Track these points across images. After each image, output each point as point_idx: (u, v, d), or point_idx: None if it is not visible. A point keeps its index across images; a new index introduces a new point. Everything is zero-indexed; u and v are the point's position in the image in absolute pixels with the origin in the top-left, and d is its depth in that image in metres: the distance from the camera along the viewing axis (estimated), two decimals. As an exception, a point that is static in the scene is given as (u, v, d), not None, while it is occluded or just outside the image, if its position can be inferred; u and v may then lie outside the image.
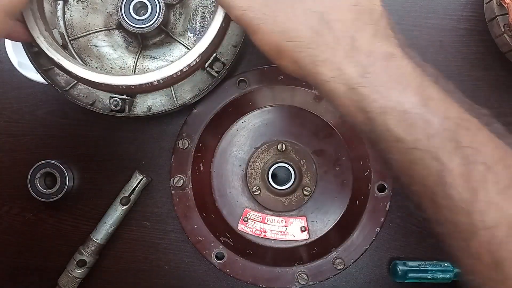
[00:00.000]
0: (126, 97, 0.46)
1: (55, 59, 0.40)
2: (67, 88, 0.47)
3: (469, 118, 0.28)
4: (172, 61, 0.48)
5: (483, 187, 0.26)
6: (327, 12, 0.30)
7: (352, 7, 0.30)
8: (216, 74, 0.46)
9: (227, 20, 0.40)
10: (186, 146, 0.49)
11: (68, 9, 0.49)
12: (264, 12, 0.31)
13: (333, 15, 0.30)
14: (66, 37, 0.48)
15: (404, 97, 0.28)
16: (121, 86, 0.41)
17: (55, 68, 0.46)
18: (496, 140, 0.27)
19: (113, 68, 0.49)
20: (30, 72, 0.48)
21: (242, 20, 0.32)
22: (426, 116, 0.28)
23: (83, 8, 0.49)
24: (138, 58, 0.49)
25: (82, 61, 0.48)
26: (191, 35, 0.49)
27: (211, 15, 0.43)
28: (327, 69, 0.30)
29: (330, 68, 0.30)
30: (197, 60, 0.43)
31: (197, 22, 0.49)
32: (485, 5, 0.52)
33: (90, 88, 0.44)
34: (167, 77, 0.41)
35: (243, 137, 0.52)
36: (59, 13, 0.48)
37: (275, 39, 0.31)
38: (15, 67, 0.49)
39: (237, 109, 0.51)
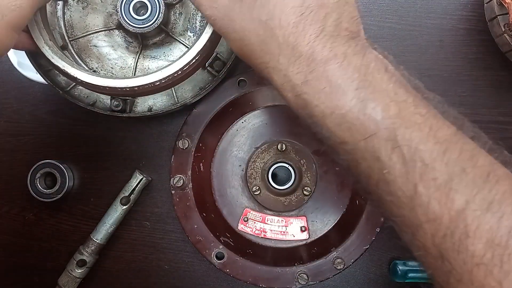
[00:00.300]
0: (127, 97, 0.46)
1: (61, 66, 0.41)
2: (68, 88, 0.47)
3: (409, 114, 0.28)
4: (173, 61, 0.49)
5: (422, 184, 0.27)
6: (271, 19, 0.30)
7: (297, 9, 0.30)
8: (216, 73, 0.46)
9: None
10: (186, 146, 0.49)
11: (68, 9, 0.49)
12: (225, 21, 0.32)
13: (275, 21, 0.30)
14: (66, 38, 0.48)
15: (342, 100, 0.29)
16: (125, 88, 0.42)
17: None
18: (438, 135, 0.27)
19: (113, 68, 0.49)
20: (30, 72, 0.48)
21: (214, 27, 0.34)
22: (363, 118, 0.28)
23: (83, 9, 0.49)
24: (138, 58, 0.49)
25: (82, 61, 0.48)
26: (191, 34, 0.49)
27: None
28: (276, 76, 0.31)
29: (278, 75, 0.31)
30: (197, 58, 0.43)
31: (197, 22, 0.49)
32: (485, 4, 0.52)
33: (90, 88, 0.45)
34: (169, 77, 0.42)
35: (243, 137, 0.52)
36: (59, 13, 0.48)
37: (237, 46, 0.33)
38: (15, 67, 0.49)
39: (237, 109, 0.51)
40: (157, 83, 0.42)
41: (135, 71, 0.49)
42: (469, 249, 0.25)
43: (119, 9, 0.46)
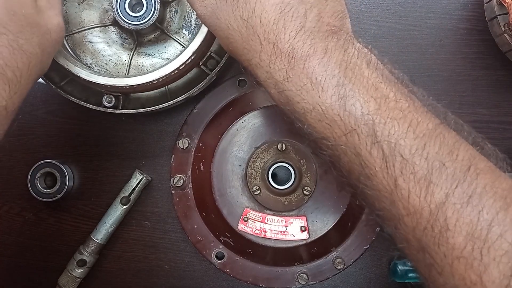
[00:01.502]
0: (120, 94, 0.46)
1: (64, 65, 0.42)
2: (62, 83, 0.47)
3: (389, 110, 0.28)
4: (167, 59, 0.49)
5: (402, 179, 0.27)
6: (251, 17, 0.30)
7: (277, 6, 0.30)
8: (209, 72, 0.46)
9: None
10: (186, 146, 0.49)
11: (64, 4, 0.49)
12: (212, 19, 0.33)
13: (256, 20, 0.30)
14: None
15: (323, 97, 0.29)
16: (125, 86, 0.42)
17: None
18: (418, 129, 0.28)
19: (107, 64, 0.49)
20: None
21: (205, 24, 0.35)
22: (343, 114, 0.28)
23: (78, 4, 0.49)
24: (133, 55, 0.49)
25: (77, 57, 0.48)
26: (186, 32, 0.50)
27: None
28: (259, 72, 0.31)
29: (261, 72, 0.31)
30: (193, 58, 0.43)
31: (192, 20, 0.49)
32: (485, 4, 0.52)
33: (83, 84, 0.45)
34: (166, 75, 0.42)
35: (243, 136, 0.52)
36: None
37: (224, 43, 0.33)
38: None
39: (237, 109, 0.51)
40: (155, 82, 0.43)
41: (129, 68, 0.49)
42: (449, 242, 0.26)
43: (114, 5, 0.46)
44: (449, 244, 0.26)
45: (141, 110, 0.46)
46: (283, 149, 0.51)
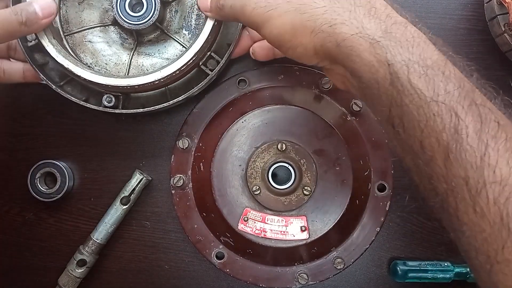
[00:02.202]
0: (119, 94, 0.46)
1: (65, 65, 0.43)
2: (62, 83, 0.47)
3: (483, 83, 0.30)
4: (167, 58, 0.49)
5: (495, 143, 0.27)
6: None
7: None
8: (210, 72, 0.46)
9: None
10: (186, 146, 0.49)
11: (64, 4, 0.49)
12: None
13: None
14: (61, 33, 0.48)
15: (426, 54, 0.30)
16: (127, 86, 0.43)
17: (49, 63, 0.47)
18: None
19: (107, 64, 0.49)
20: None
21: (254, 14, 0.34)
22: (446, 73, 0.29)
23: (78, 4, 0.49)
24: (133, 54, 0.49)
25: (77, 56, 0.48)
26: (186, 32, 0.50)
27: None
28: (347, 28, 0.32)
29: (350, 27, 0.32)
30: (194, 58, 0.43)
31: (193, 20, 0.49)
32: (485, 4, 0.52)
33: (83, 83, 0.45)
34: (168, 76, 0.43)
35: (243, 136, 0.52)
36: None
37: (289, 17, 0.33)
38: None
39: (237, 109, 0.51)
40: (156, 82, 0.43)
41: (129, 68, 0.49)
42: None
43: (114, 5, 0.46)
44: None
45: (141, 110, 0.46)
46: (283, 149, 0.51)
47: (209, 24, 0.43)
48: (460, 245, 0.30)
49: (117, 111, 0.46)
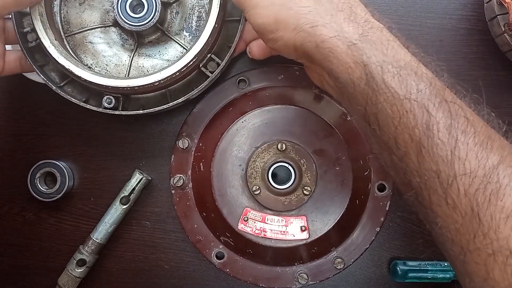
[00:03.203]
0: (120, 95, 0.46)
1: (66, 66, 0.43)
2: (62, 84, 0.47)
3: (453, 82, 0.32)
4: (168, 60, 0.49)
5: (464, 138, 0.29)
6: None
7: None
8: (210, 74, 0.46)
9: (219, 20, 0.43)
10: (186, 146, 0.49)
11: (65, 5, 0.49)
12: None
13: None
14: (62, 33, 0.48)
15: (399, 56, 0.32)
16: (126, 87, 0.43)
17: (50, 64, 0.47)
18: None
19: (108, 65, 0.49)
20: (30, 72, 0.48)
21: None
22: (418, 73, 0.31)
23: (79, 5, 0.49)
24: (133, 56, 0.49)
25: (77, 57, 0.49)
26: (187, 34, 0.50)
27: (208, 15, 0.44)
28: (327, 31, 0.33)
29: (330, 30, 0.33)
30: (194, 60, 0.43)
31: (193, 22, 0.49)
32: (485, 4, 0.52)
33: (84, 84, 0.45)
34: (168, 77, 0.43)
35: (243, 136, 0.52)
36: (56, 9, 0.49)
37: (274, 9, 0.35)
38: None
39: (237, 109, 0.51)
40: (156, 83, 0.43)
41: (129, 69, 0.49)
42: (498, 204, 0.27)
43: (115, 6, 0.46)
44: (498, 206, 0.27)
45: (141, 111, 0.46)
46: (283, 149, 0.51)
47: (210, 26, 0.43)
48: (436, 237, 0.32)
49: (116, 112, 0.46)
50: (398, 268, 0.51)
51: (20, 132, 0.54)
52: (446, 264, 0.51)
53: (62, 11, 0.49)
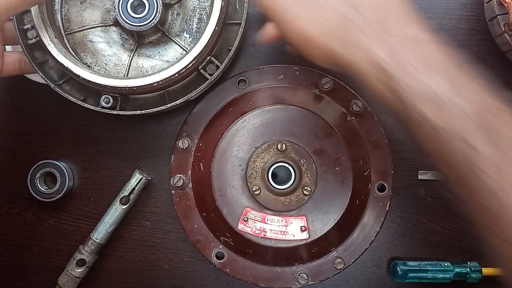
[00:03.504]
0: (118, 95, 0.46)
1: (65, 64, 0.43)
2: (60, 82, 0.47)
3: (491, 101, 0.30)
4: (167, 61, 0.49)
5: (509, 167, 0.27)
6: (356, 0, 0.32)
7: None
8: (209, 77, 0.46)
9: (220, 23, 0.43)
10: (186, 146, 0.49)
11: (66, 3, 0.49)
12: (292, 1, 0.33)
13: (362, 1, 0.32)
14: (62, 31, 0.48)
15: (432, 79, 0.30)
16: (125, 87, 0.43)
17: (49, 62, 0.47)
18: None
19: (107, 64, 0.49)
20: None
21: (276, 9, 0.34)
22: (453, 99, 0.29)
23: (81, 3, 0.49)
24: (133, 56, 0.49)
25: (77, 56, 0.49)
26: (187, 35, 0.50)
27: (209, 17, 0.44)
28: (354, 49, 0.31)
29: (357, 48, 0.31)
30: (194, 62, 0.43)
31: (194, 23, 0.49)
32: (485, 4, 0.52)
33: (82, 83, 0.45)
34: (167, 78, 0.43)
35: (243, 136, 0.52)
36: (57, 7, 0.49)
37: (301, 24, 0.33)
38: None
39: (237, 109, 0.51)
40: (155, 84, 0.43)
41: (129, 69, 0.49)
42: None
43: (116, 6, 0.46)
44: None
45: (139, 112, 0.46)
46: (283, 149, 0.51)
47: (210, 28, 0.43)
48: None
49: (114, 112, 0.46)
50: (398, 268, 0.51)
51: (20, 132, 0.54)
52: (446, 264, 0.51)
53: (63, 9, 0.49)
